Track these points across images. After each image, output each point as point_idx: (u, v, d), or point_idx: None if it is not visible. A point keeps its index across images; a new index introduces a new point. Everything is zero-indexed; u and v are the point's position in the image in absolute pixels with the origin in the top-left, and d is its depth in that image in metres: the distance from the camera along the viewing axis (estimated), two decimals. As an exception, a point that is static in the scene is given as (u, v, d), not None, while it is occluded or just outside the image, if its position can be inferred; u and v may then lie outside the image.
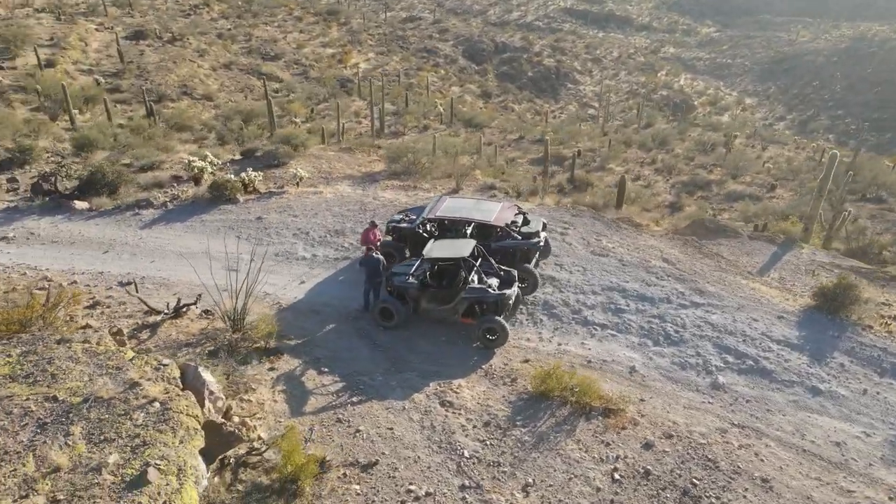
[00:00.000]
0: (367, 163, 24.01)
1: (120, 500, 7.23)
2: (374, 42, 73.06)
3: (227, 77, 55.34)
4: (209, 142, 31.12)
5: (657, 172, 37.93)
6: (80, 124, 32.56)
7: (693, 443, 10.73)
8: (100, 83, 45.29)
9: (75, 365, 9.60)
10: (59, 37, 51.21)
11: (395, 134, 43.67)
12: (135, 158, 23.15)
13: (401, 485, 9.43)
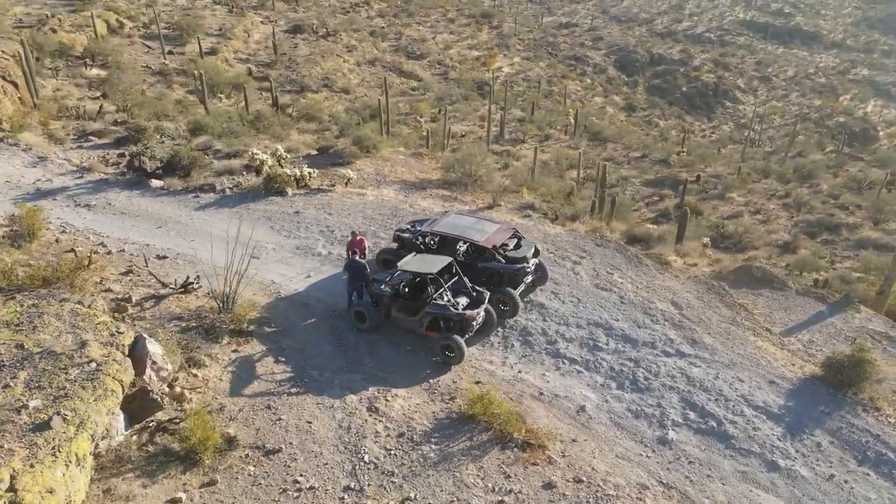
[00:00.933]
0: (430, 169, 24.86)
1: (22, 438, 8.63)
2: (523, 47, 73.50)
3: (369, 73, 58.67)
4: (330, 133, 33.51)
5: (784, 208, 35.36)
6: (220, 108, 36.45)
7: (601, 493, 10.51)
8: (251, 72, 49.91)
9: (55, 321, 11.33)
10: (226, 28, 56.90)
11: (513, 141, 44.26)
12: (227, 145, 25.65)
13: (291, 475, 10.21)
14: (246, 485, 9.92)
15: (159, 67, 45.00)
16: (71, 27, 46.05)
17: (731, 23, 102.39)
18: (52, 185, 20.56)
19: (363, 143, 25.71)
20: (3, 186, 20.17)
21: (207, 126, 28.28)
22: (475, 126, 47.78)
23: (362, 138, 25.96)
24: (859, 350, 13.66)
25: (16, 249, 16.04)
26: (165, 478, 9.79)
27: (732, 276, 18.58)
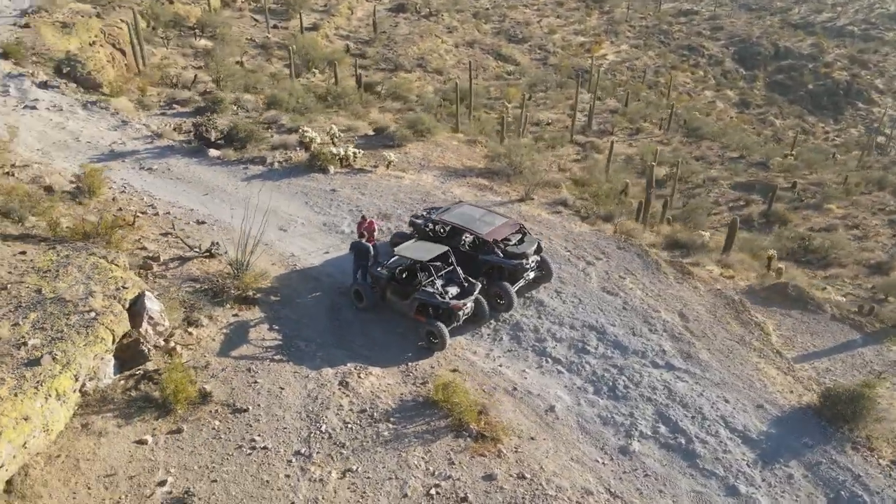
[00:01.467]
0: (479, 157, 25.11)
1: (14, 371, 9.97)
2: (633, 34, 70.76)
3: (466, 55, 58.93)
4: (413, 114, 34.39)
5: (890, 225, 32.99)
6: (309, 83, 38.14)
7: (539, 492, 10.71)
8: (349, 49, 51.51)
9: (76, 272, 12.76)
10: (331, 4, 58.84)
11: (601, 133, 43.27)
12: (292, 121, 26.96)
13: (250, 434, 11.10)
14: (208, 437, 10.89)
15: (262, 41, 47.34)
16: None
17: (879, 16, 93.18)
18: (124, 148, 22.55)
19: (417, 126, 26.26)
20: (84, 146, 22.34)
21: (282, 101, 29.72)
22: (564, 115, 46.99)
23: (416, 122, 26.52)
24: (864, 385, 12.87)
25: (77, 205, 17.91)
26: (139, 421, 10.92)
27: (765, 293, 17.81)
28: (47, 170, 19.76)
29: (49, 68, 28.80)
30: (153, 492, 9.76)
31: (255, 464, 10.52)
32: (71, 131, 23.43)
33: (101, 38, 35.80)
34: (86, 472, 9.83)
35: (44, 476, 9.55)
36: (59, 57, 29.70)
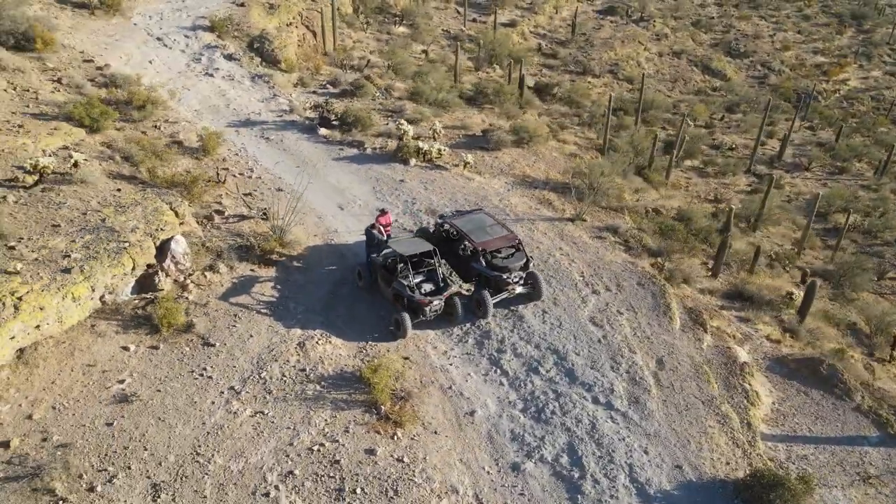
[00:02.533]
0: (569, 170, 25.50)
1: (51, 272, 13.43)
2: (893, 60, 61.66)
3: (668, 65, 57.28)
4: (577, 119, 35.35)
5: None
6: (484, 78, 40.19)
7: (408, 476, 11.90)
8: (541, 48, 52.85)
9: (139, 211, 16.24)
10: (536, 2, 60.03)
11: (793, 166, 39.39)
12: (415, 112, 29.32)
13: (205, 364, 13.60)
14: (173, 358, 13.61)
15: (456, 32, 50.11)
16: (398, -12, 53.31)
17: None
18: (259, 118, 26.50)
19: (521, 132, 27.21)
20: (230, 112, 26.67)
21: (423, 93, 32.05)
22: (753, 140, 43.12)
23: (521, 128, 27.45)
24: (799, 478, 12.02)
25: (193, 159, 21.90)
26: (132, 333, 13.95)
27: (795, 365, 16.64)
28: (189, 128, 24.11)
29: (243, 43, 33.89)
30: (112, 386, 12.64)
31: (195, 387, 13.00)
32: (227, 98, 27.97)
33: (297, 19, 40.87)
34: (76, 358, 13.01)
35: (46, 353, 12.88)
36: (254, 34, 34.76)
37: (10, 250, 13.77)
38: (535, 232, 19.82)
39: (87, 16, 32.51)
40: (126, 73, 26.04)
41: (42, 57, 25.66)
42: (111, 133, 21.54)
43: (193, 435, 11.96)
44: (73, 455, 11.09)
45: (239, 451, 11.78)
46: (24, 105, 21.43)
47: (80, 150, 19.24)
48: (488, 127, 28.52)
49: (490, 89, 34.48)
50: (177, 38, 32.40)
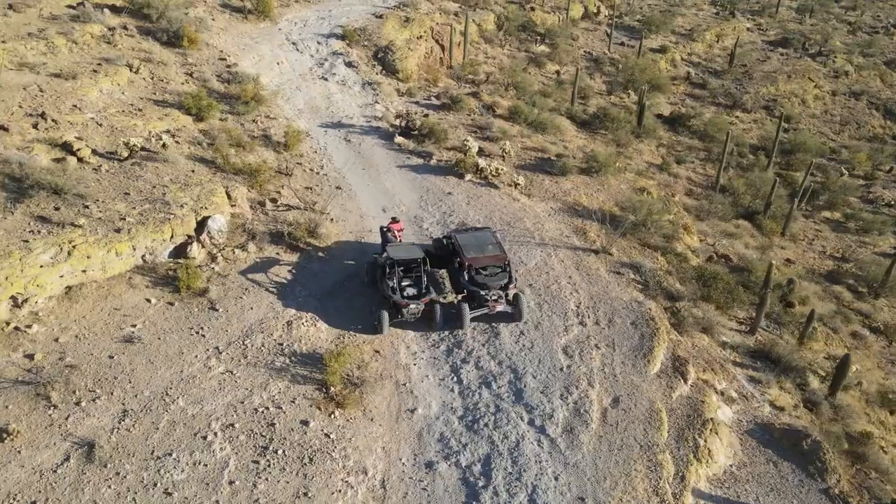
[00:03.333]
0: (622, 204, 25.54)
1: (105, 230, 16.66)
2: None
3: (841, 105, 53.64)
4: (702, 155, 34.98)
5: None
6: (607, 102, 40.30)
7: (328, 451, 13.50)
8: (689, 76, 51.79)
9: (197, 190, 19.26)
10: (698, 29, 58.43)
11: None
12: (498, 130, 30.58)
13: (204, 324, 16.08)
14: (181, 315, 16.26)
15: (598, 55, 50.46)
16: (550, 8, 54.72)
17: None
18: (350, 122, 29.24)
19: (591, 161, 27.58)
20: (326, 114, 29.65)
21: (521, 112, 33.04)
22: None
23: (592, 156, 27.78)
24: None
25: (273, 152, 24.95)
26: (158, 289, 16.81)
27: (779, 434, 16.13)
28: (283, 125, 27.32)
29: (369, 52, 37.06)
30: (125, 328, 15.50)
31: (188, 342, 15.52)
32: (331, 101, 31.07)
33: (428, 33, 43.60)
34: (107, 301, 16.07)
35: (87, 293, 16.05)
36: (381, 44, 37.89)
37: (84, 208, 17.20)
38: (553, 258, 20.41)
39: (240, 19, 37.28)
40: (248, 72, 29.81)
41: (186, 53, 30.13)
42: (214, 122, 25.10)
43: (170, 379, 14.42)
44: (75, 375, 13.95)
45: (198, 399, 14.05)
46: (153, 92, 25.64)
47: (177, 135, 22.94)
48: (562, 151, 29.12)
49: (608, 115, 34.54)
50: (309, 44, 36.08)
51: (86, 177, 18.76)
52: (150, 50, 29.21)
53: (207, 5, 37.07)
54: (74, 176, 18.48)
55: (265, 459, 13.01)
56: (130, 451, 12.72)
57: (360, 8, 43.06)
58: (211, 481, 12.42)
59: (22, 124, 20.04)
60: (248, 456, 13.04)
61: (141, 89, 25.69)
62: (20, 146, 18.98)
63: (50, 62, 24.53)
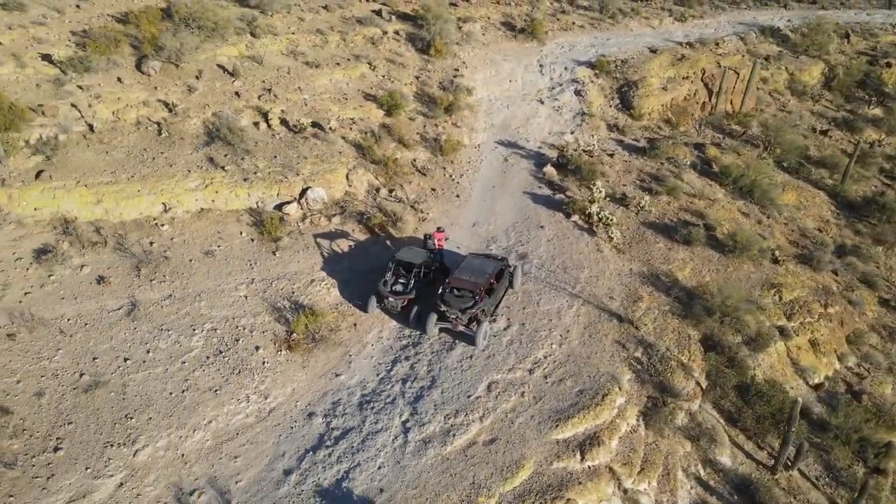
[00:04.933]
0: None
1: (236, 176, 23.55)
2: None
3: None
4: None
5: None
6: None
7: (245, 364, 18.06)
8: None
9: (324, 166, 25.11)
10: None
11: None
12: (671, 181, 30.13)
13: (255, 262, 21.73)
14: (250, 250, 22.06)
15: None
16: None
17: None
18: (524, 144, 31.88)
19: (728, 240, 25.81)
20: (512, 131, 32.72)
21: (730, 173, 31.45)
22: None
23: (733, 235, 25.89)
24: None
25: (428, 153, 29.48)
26: (252, 228, 22.92)
27: None
28: (459, 132, 31.57)
29: (614, 84, 38.51)
30: (212, 247, 21.99)
31: (238, 268, 21.30)
32: (528, 123, 33.95)
33: (697, 75, 42.43)
34: (216, 226, 22.75)
35: (208, 216, 22.95)
36: (631, 78, 39.13)
37: (241, 160, 24.25)
38: (570, 310, 20.94)
39: (508, 38, 41.96)
40: (467, 84, 34.45)
41: (430, 60, 36.08)
42: (399, 119, 30.53)
43: (208, 287, 20.43)
44: (163, 264, 20.81)
45: (212, 306, 19.76)
46: (370, 87, 32.13)
47: (358, 123, 28.97)
48: (709, 222, 27.45)
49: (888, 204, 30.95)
50: (555, 67, 39.10)
51: (261, 139, 25.88)
52: (402, 53, 35.86)
53: (487, 21, 42.53)
54: (254, 136, 25.73)
55: (213, 358, 18.11)
56: (151, 319, 19.02)
57: (643, 40, 43.85)
58: (174, 357, 18.02)
59: (251, 94, 28.14)
60: (206, 352, 18.29)
61: (364, 84, 32.29)
62: (238, 109, 26.97)
63: (311, 53, 32.63)
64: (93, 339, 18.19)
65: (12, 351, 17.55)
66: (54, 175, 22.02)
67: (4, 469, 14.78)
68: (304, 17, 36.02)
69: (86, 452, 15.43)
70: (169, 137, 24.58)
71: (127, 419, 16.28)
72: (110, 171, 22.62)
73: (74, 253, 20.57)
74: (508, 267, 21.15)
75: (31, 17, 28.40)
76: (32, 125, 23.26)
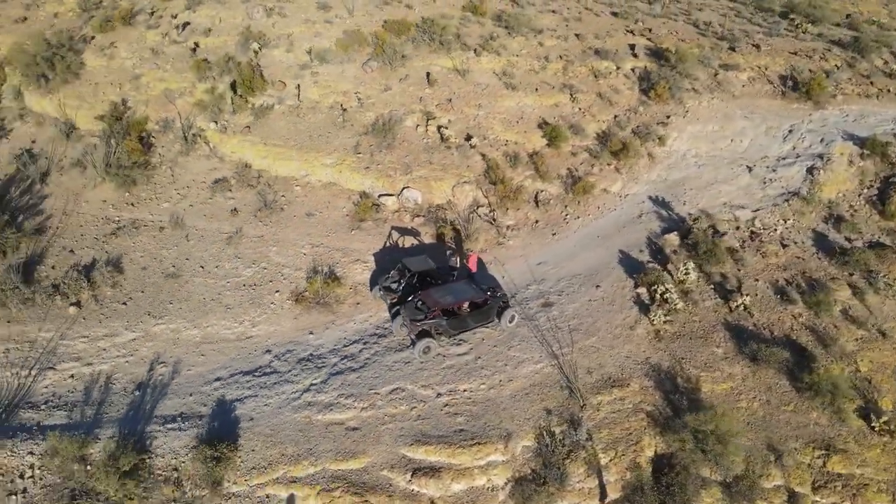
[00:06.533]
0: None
1: (400, 167, 28.99)
2: None
3: None
4: None
5: None
6: None
7: (256, 298, 23.48)
8: None
9: (441, 174, 28.91)
10: None
11: None
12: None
13: (334, 234, 26.84)
14: (338, 223, 27.26)
15: None
16: None
17: None
18: (673, 208, 30.06)
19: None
20: (678, 190, 30.87)
21: None
22: None
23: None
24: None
25: (562, 189, 30.36)
26: (353, 206, 28.08)
27: None
28: (607, 176, 31.25)
29: (883, 169, 32.76)
30: (314, 212, 27.82)
31: (317, 231, 26.67)
32: (708, 186, 31.21)
33: None
34: (330, 198, 28.42)
35: (330, 188, 28.87)
36: None
37: (377, 152, 29.51)
38: (533, 366, 21.02)
39: (776, 94, 37.90)
40: (661, 132, 33.53)
41: (647, 102, 35.69)
42: (560, 151, 31.86)
43: (287, 238, 26.33)
44: (276, 211, 27.46)
45: (277, 251, 25.62)
46: (556, 117, 33.86)
47: (512, 147, 31.38)
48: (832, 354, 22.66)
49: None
50: (808, 137, 34.11)
51: (409, 139, 30.57)
52: (619, 90, 35.81)
53: (761, 72, 39.11)
54: (404, 136, 30.57)
55: (246, 288, 24.04)
56: (236, 247, 25.77)
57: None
58: (226, 277, 24.44)
59: (432, 101, 32.78)
60: (246, 282, 24.28)
61: (554, 112, 33.88)
62: (410, 111, 32.00)
63: (519, 76, 35.46)
64: (196, 247, 25.74)
65: (156, 238, 26.13)
66: (253, 132, 30.40)
67: (94, 302, 23.05)
68: (545, 42, 38.79)
69: (133, 312, 22.87)
70: (343, 123, 31.05)
71: (167, 303, 23.29)
72: (286, 138, 30.10)
73: (234, 188, 28.55)
74: (495, 301, 21.97)
75: (327, 16, 37.71)
76: (264, 94, 32.11)
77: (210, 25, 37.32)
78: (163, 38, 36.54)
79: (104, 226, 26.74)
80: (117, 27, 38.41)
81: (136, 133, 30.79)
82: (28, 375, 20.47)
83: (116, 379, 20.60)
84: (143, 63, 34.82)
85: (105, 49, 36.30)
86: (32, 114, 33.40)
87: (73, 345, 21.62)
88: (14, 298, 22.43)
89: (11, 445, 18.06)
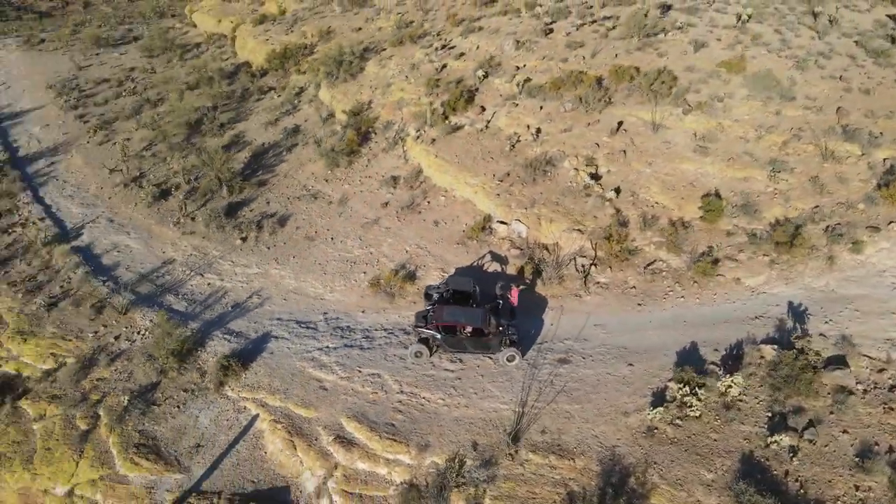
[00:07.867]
0: None
1: (534, 201, 32.02)
2: None
3: None
4: None
5: None
6: None
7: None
8: None
9: (547, 213, 30.41)
10: None
11: None
12: None
13: (413, 233, 30.53)
14: (421, 222, 30.91)
15: None
16: None
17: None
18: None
19: None
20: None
21: None
22: None
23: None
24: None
25: (686, 266, 28.66)
26: (471, 228, 31.33)
27: None
28: (748, 266, 28.02)
29: None
30: (436, 221, 31.85)
31: (424, 234, 30.72)
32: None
33: None
34: (461, 211, 32.14)
35: (467, 206, 32.54)
36: None
37: (518, 183, 32.16)
38: (496, 404, 22.02)
39: None
40: (860, 236, 28.59)
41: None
42: (715, 225, 29.71)
43: (400, 233, 31.06)
44: (407, 209, 32.43)
45: (386, 239, 30.55)
46: (739, 193, 31.45)
47: (655, 206, 30.72)
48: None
49: None
50: None
51: (555, 178, 32.30)
52: (847, 179, 31.42)
53: None
54: (550, 174, 32.42)
55: (345, 263, 29.53)
56: (367, 232, 31.54)
57: None
58: (341, 251, 30.34)
59: (605, 149, 33.50)
60: (349, 256, 29.79)
61: (741, 186, 31.32)
62: (575, 154, 33.44)
63: (724, 142, 33.66)
64: (341, 223, 32.26)
65: (322, 209, 33.50)
66: (435, 144, 35.74)
67: (254, 241, 31.25)
68: (785, 111, 34.32)
69: (268, 256, 30.37)
70: (510, 152, 34.24)
71: (291, 256, 30.23)
72: (454, 154, 34.61)
73: (398, 186, 34.28)
74: (500, 336, 23.21)
75: (572, 54, 40.82)
76: (464, 115, 37.11)
77: (465, 50, 43.52)
78: (424, 57, 44.06)
79: (299, 191, 35.07)
80: (406, 43, 47.43)
81: (364, 127, 38.71)
82: (188, 274, 29.38)
83: (229, 295, 28.13)
84: (399, 74, 42.79)
85: (383, 60, 45.46)
86: (317, 101, 44.15)
87: (223, 265, 29.96)
88: (213, 224, 31.83)
89: (146, 311, 26.78)
